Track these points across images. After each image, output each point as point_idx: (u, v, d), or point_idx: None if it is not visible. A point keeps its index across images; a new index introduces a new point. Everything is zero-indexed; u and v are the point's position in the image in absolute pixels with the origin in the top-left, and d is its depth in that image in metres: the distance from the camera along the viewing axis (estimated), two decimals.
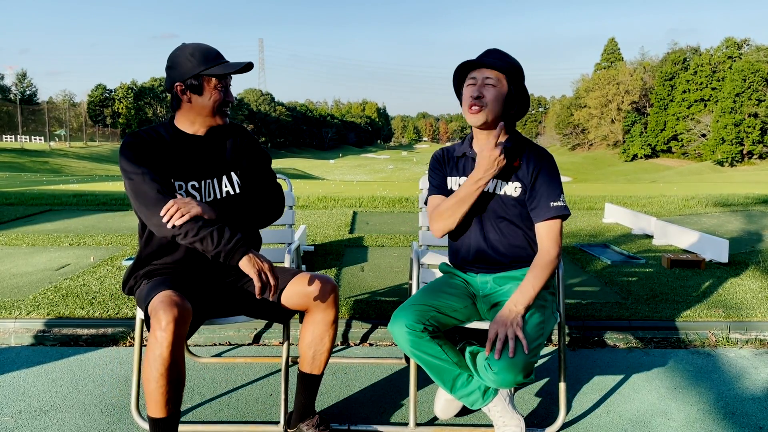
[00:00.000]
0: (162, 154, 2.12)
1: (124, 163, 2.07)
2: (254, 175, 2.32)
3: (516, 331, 2.01)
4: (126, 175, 2.06)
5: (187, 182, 2.16)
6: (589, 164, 76.99)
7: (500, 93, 2.18)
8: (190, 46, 2.13)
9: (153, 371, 1.85)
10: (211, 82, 2.11)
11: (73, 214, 7.83)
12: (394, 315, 2.13)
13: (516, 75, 2.21)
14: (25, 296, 3.78)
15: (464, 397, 2.20)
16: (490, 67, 2.18)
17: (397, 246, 5.66)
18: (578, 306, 3.64)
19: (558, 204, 2.20)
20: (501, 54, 2.23)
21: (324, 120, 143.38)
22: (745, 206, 8.97)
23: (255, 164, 2.33)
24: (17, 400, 2.59)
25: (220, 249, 1.96)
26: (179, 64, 2.11)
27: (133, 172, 2.04)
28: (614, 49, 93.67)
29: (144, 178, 2.03)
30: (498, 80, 2.17)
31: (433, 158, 2.47)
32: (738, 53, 69.42)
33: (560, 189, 2.23)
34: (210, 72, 2.09)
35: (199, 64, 2.09)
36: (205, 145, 2.22)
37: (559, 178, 2.27)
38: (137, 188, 2.03)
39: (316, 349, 2.24)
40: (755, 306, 3.67)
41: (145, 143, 2.10)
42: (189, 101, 2.14)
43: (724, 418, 2.47)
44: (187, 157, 2.17)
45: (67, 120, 61.54)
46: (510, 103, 2.22)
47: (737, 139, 59.04)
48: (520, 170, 2.24)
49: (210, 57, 2.11)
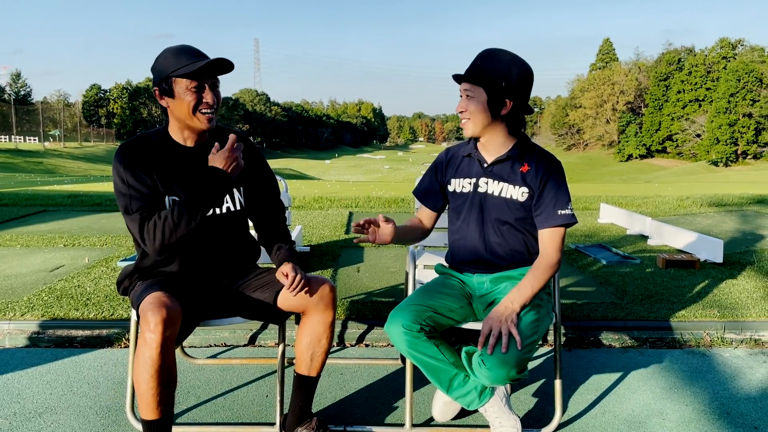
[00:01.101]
0: (153, 166, 2.06)
1: (115, 178, 2.03)
2: (260, 196, 2.31)
3: (510, 328, 2.01)
4: (116, 189, 2.04)
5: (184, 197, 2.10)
6: (585, 164, 77.15)
7: (480, 102, 2.17)
8: (168, 49, 2.04)
9: (143, 373, 1.84)
10: (182, 84, 2.00)
11: (67, 214, 7.80)
12: (391, 316, 2.12)
13: (492, 78, 2.14)
14: (20, 297, 3.76)
15: (461, 398, 2.20)
16: (464, 80, 2.20)
17: (392, 247, 5.66)
18: (574, 306, 3.64)
19: (565, 212, 2.20)
20: (483, 59, 2.18)
21: (320, 120, 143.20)
22: (740, 206, 9.00)
23: (261, 184, 2.31)
24: (11, 402, 2.58)
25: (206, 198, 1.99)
26: (155, 69, 2.04)
27: (121, 194, 2.02)
28: (609, 50, 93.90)
29: (131, 203, 2.00)
30: (474, 89, 2.18)
31: (437, 159, 2.50)
32: (732, 54, 69.73)
33: (568, 197, 2.23)
34: (178, 73, 1.98)
35: (170, 66, 2.00)
36: (200, 157, 2.14)
37: (567, 186, 2.27)
38: (124, 214, 2.02)
39: (314, 351, 2.23)
40: (750, 306, 3.68)
41: (136, 157, 2.04)
42: (168, 106, 2.07)
43: (719, 418, 2.47)
44: (180, 169, 2.11)
45: (61, 120, 61.32)
46: (496, 106, 2.18)
47: (732, 140, 59.26)
48: (528, 175, 2.24)
49: (182, 57, 1.99)
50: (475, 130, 2.22)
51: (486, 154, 2.30)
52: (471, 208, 2.31)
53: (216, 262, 2.22)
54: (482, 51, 2.24)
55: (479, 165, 2.31)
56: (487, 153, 2.30)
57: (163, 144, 2.12)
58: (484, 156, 2.30)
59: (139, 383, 1.86)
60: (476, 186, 2.30)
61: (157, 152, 2.09)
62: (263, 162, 2.35)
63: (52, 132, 58.49)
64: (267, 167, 2.36)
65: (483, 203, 2.28)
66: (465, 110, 2.20)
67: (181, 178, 2.11)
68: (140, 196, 2.01)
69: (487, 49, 2.24)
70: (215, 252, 2.21)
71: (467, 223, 2.33)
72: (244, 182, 2.27)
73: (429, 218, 2.51)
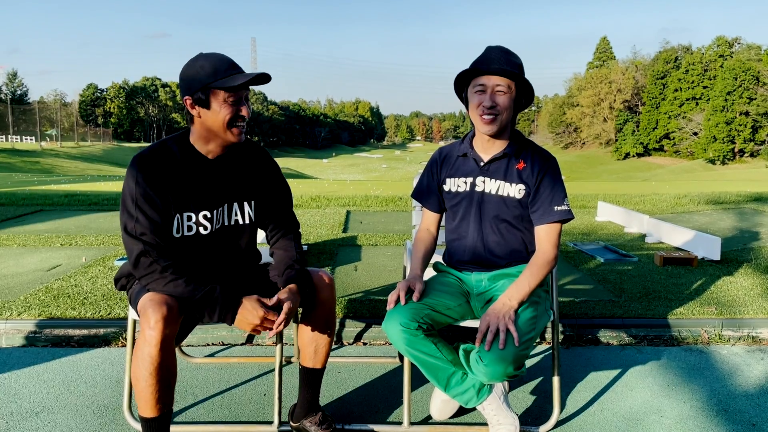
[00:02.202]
0: (170, 182, 1.99)
1: (126, 191, 1.95)
2: (271, 210, 2.26)
3: (507, 324, 2.01)
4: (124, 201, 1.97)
5: (198, 212, 2.06)
6: (582, 163, 77.24)
7: (511, 99, 2.17)
8: (203, 56, 1.96)
9: (142, 370, 1.84)
10: (220, 96, 1.93)
11: (64, 214, 7.78)
12: (389, 314, 2.12)
13: (523, 76, 2.18)
14: (16, 297, 3.75)
15: (459, 396, 2.20)
16: (503, 75, 2.14)
17: (390, 245, 5.66)
18: (572, 304, 3.64)
19: (562, 208, 2.21)
20: (506, 56, 2.17)
21: (317, 119, 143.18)
22: (737, 204, 9.01)
23: (273, 198, 2.26)
24: (8, 401, 2.57)
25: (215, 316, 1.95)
26: (189, 77, 1.95)
27: (127, 211, 1.95)
28: (606, 48, 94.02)
29: (135, 226, 1.93)
30: (508, 87, 2.15)
31: (431, 159, 2.47)
32: (729, 52, 69.83)
33: (564, 193, 2.24)
34: (217, 84, 1.92)
35: (208, 76, 1.92)
36: (219, 169, 2.10)
37: (563, 182, 2.27)
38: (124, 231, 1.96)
39: (318, 343, 2.23)
40: (747, 303, 3.69)
41: (153, 172, 1.96)
42: (199, 116, 1.98)
43: (717, 415, 2.47)
44: (198, 183, 2.05)
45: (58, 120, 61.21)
46: (518, 104, 2.22)
47: (729, 138, 59.38)
48: (524, 172, 2.24)
49: (221, 68, 1.93)
50: (500, 126, 2.19)
51: (482, 152, 2.30)
52: (468, 207, 2.31)
53: (219, 273, 2.16)
54: (494, 47, 2.21)
55: (475, 164, 2.31)
56: (483, 152, 2.30)
57: (184, 156, 2.04)
58: (480, 155, 2.30)
59: (138, 380, 1.86)
60: (473, 185, 2.30)
61: (176, 166, 2.01)
62: (278, 175, 2.29)
63: (49, 132, 58.34)
64: (281, 181, 2.30)
65: (480, 202, 2.29)
66: (497, 105, 2.15)
67: (198, 191, 2.05)
68: (147, 223, 1.93)
69: (497, 45, 2.21)
70: (219, 263, 2.17)
71: (465, 222, 2.33)
72: (257, 196, 2.21)
73: (435, 223, 2.49)
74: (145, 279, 1.93)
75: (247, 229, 2.21)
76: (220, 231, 2.14)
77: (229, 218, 2.16)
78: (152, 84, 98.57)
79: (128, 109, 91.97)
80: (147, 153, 1.99)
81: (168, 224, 2.00)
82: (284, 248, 2.25)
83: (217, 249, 2.15)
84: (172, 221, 2.01)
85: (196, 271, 2.01)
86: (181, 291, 1.90)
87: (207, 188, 2.07)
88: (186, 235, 2.05)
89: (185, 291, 1.90)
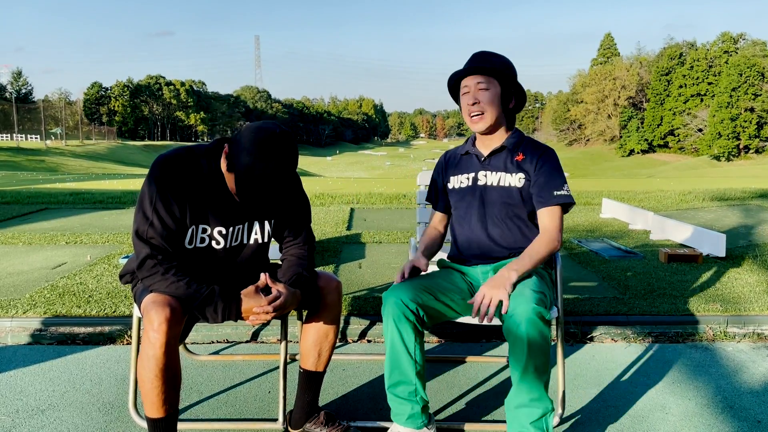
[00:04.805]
0: (192, 193, 1.96)
1: (144, 193, 1.92)
2: (290, 226, 2.22)
3: (501, 295, 1.99)
4: (140, 203, 1.94)
5: (214, 228, 2.03)
6: (586, 160, 77.08)
7: (495, 94, 2.27)
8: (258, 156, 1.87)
9: (148, 372, 1.83)
10: None
11: (69, 212, 7.81)
12: (393, 286, 2.16)
13: (504, 72, 2.26)
14: (22, 295, 3.76)
15: (393, 402, 2.14)
16: (479, 72, 2.26)
17: (394, 242, 5.66)
18: (576, 301, 3.64)
19: (561, 192, 2.25)
20: (487, 56, 2.29)
21: (321, 117, 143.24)
22: (742, 200, 8.98)
23: (293, 214, 2.22)
24: (14, 399, 2.58)
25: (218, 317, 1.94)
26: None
27: (143, 213, 1.92)
28: (611, 45, 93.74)
29: (147, 230, 1.90)
30: (489, 82, 2.25)
31: (437, 163, 2.59)
32: (734, 48, 69.55)
33: (563, 179, 2.29)
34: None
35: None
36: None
37: (562, 170, 2.32)
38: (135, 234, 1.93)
39: (321, 347, 2.22)
40: (753, 300, 3.68)
41: (175, 180, 1.93)
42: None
43: (722, 412, 2.47)
44: (220, 200, 2.02)
45: (63, 118, 61.45)
46: (506, 100, 2.31)
47: (734, 134, 59.18)
48: (523, 163, 2.30)
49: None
50: (489, 122, 2.28)
51: (484, 149, 2.39)
52: (472, 202, 2.37)
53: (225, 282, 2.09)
54: (478, 52, 2.34)
55: (477, 159, 2.39)
56: (484, 148, 2.39)
57: (211, 171, 2.00)
58: (481, 151, 2.39)
59: (143, 382, 1.85)
60: (475, 179, 2.37)
61: (201, 179, 1.98)
62: (299, 191, 2.25)
63: (54, 130, 58.54)
64: (302, 197, 2.26)
65: (483, 195, 2.34)
66: (478, 102, 2.25)
67: (218, 208, 2.02)
68: (160, 228, 1.91)
69: (481, 50, 2.35)
70: (228, 274, 2.13)
71: (469, 216, 2.37)
72: (277, 215, 2.18)
73: (443, 222, 2.59)
74: (147, 280, 1.92)
75: (264, 246, 2.19)
76: (236, 247, 2.12)
77: (248, 237, 2.12)
78: (156, 82, 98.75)
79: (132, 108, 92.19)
80: (172, 157, 1.96)
81: (182, 233, 1.98)
82: (297, 256, 2.20)
83: (229, 263, 2.12)
84: (186, 231, 1.99)
85: (201, 277, 1.99)
86: (183, 292, 1.90)
87: (228, 206, 2.04)
88: (198, 247, 2.04)
89: (187, 292, 1.90)
